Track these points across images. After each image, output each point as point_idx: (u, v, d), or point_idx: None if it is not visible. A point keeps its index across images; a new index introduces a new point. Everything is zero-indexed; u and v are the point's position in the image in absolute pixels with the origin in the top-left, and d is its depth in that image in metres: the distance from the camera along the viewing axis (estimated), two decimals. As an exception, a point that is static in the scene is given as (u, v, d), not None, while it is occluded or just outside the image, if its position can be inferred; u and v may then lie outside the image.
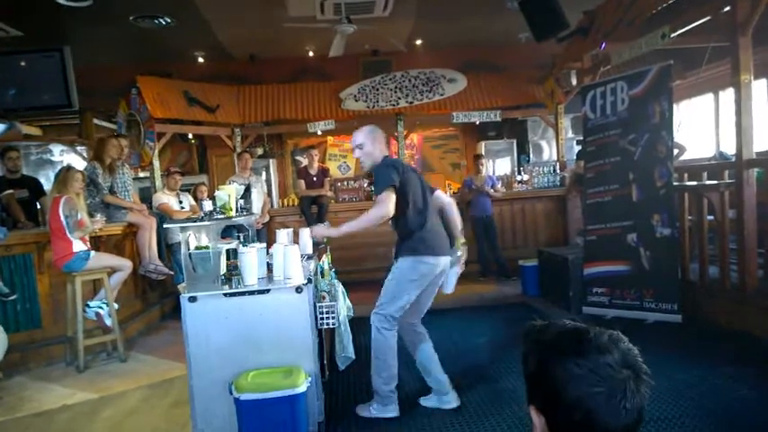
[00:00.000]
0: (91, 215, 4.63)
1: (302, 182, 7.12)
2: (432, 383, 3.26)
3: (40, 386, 4.00)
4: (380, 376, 3.13)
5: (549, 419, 0.88)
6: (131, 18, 6.82)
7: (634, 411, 0.84)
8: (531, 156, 9.48)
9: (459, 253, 3.27)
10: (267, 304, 2.86)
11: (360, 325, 5.13)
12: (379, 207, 2.91)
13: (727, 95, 7.45)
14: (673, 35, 4.75)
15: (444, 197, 3.36)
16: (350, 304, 3.82)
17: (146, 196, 6.67)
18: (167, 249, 5.99)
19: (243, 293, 2.85)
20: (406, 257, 3.05)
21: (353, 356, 3.50)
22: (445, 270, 3.17)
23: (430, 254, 3.04)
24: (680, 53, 5.89)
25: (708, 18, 4.63)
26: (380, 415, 3.13)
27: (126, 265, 4.71)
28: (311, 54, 9.08)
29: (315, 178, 7.10)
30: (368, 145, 3.12)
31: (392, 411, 3.14)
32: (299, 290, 2.87)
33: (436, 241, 3.09)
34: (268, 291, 2.87)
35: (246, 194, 6.04)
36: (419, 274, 3.03)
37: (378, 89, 8.10)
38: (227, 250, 2.98)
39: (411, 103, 8.05)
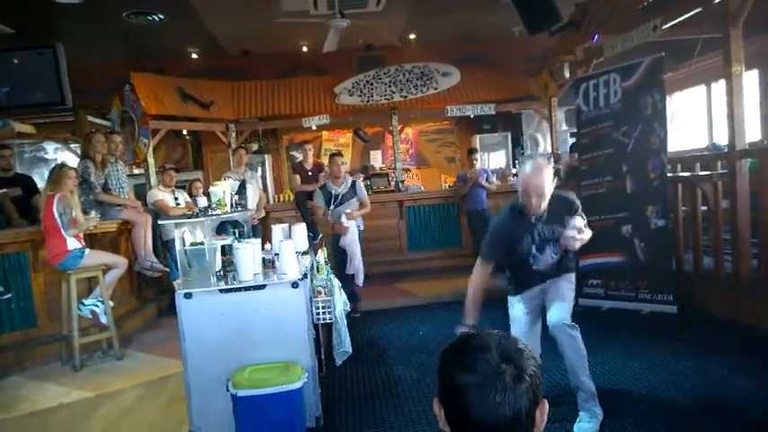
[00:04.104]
0: (85, 212, 4.61)
1: (298, 177, 7.10)
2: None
3: (36, 385, 3.98)
4: (589, 376, 2.87)
5: (445, 411, 0.95)
6: (124, 15, 6.78)
7: (505, 406, 0.86)
8: (528, 148, 9.49)
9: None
10: (263, 300, 2.86)
11: (364, 320, 5.17)
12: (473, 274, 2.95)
13: (719, 87, 7.46)
14: (664, 27, 4.76)
15: None
16: (346, 299, 3.82)
17: (140, 193, 6.64)
18: (163, 246, 5.98)
19: (238, 289, 2.84)
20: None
21: (351, 351, 3.51)
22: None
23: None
24: (672, 45, 5.88)
25: (699, 9, 4.64)
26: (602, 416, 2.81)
27: (121, 262, 4.70)
28: (305, 49, 9.05)
29: (310, 173, 7.08)
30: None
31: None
32: (294, 285, 2.86)
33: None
34: (264, 286, 2.87)
35: (241, 190, 6.03)
36: None
37: (372, 83, 8.10)
38: (223, 246, 2.98)
39: (405, 97, 8.06)
